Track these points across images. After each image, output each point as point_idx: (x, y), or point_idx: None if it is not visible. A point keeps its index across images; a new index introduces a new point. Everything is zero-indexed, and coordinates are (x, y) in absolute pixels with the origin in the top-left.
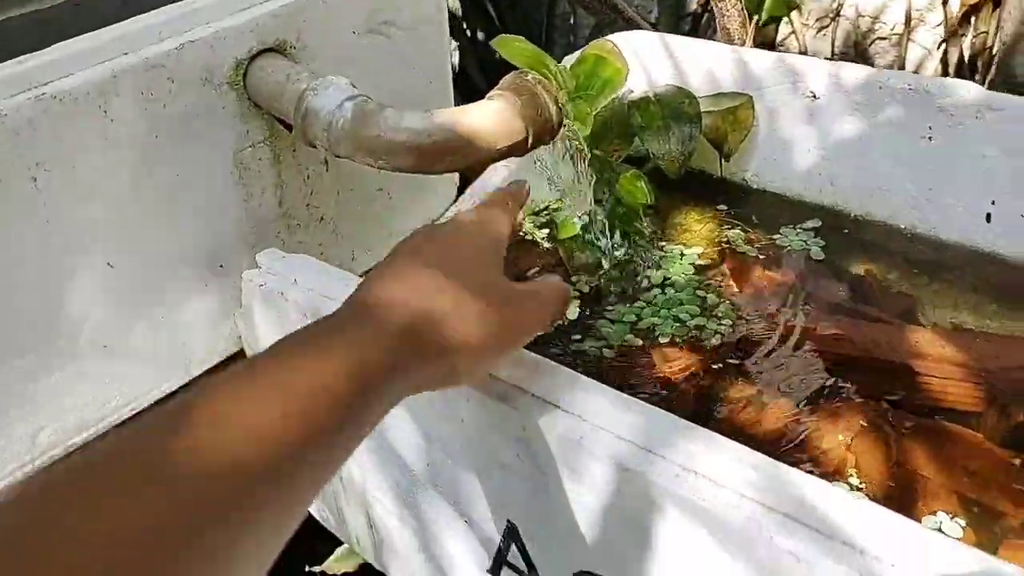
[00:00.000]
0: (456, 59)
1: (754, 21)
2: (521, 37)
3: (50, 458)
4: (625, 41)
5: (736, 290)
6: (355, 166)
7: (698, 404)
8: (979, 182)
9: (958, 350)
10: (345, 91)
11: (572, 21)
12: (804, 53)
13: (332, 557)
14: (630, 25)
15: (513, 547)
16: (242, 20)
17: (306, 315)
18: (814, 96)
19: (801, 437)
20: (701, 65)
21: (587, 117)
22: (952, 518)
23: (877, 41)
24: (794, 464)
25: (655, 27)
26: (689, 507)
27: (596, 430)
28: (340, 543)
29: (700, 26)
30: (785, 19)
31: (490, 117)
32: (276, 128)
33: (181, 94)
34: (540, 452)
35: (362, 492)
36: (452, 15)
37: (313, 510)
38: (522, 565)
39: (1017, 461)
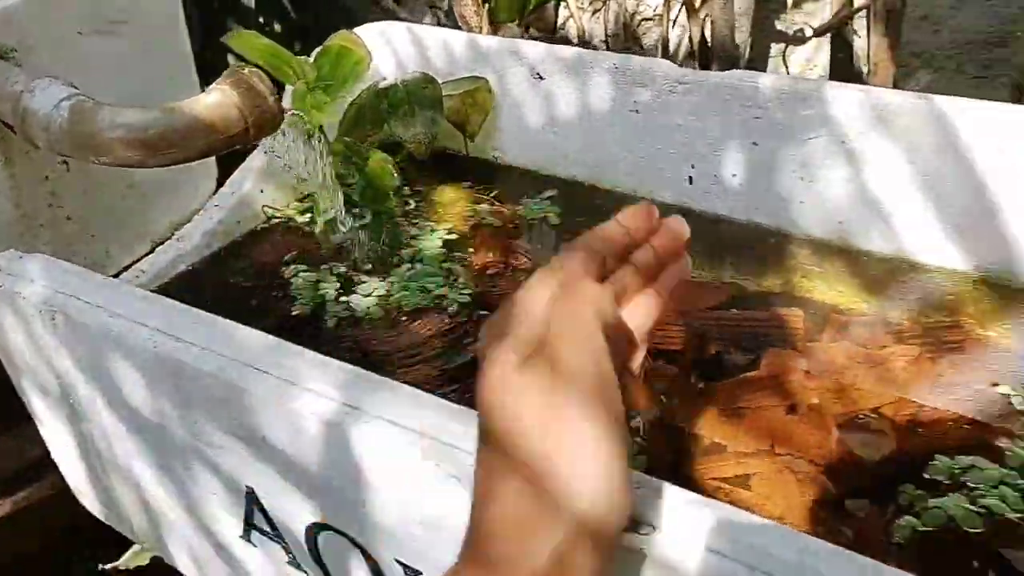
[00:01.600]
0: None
1: (486, 8)
2: (255, 32)
3: None
4: (378, 32)
5: (482, 259)
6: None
7: (435, 364)
8: (679, 149)
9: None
10: (63, 91)
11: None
12: (582, 35)
13: (127, 554)
14: (385, 15)
15: (256, 511)
16: None
17: (42, 312)
18: (540, 77)
19: None
20: (445, 52)
21: (325, 105)
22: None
23: (643, 22)
24: None
25: (447, 15)
26: (386, 453)
27: (303, 392)
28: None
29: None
30: (564, 4)
31: (207, 110)
32: (3, 131)
33: None
34: (262, 421)
35: (132, 477)
36: (244, 5)
37: (96, 510)
38: (267, 527)
39: (701, 385)
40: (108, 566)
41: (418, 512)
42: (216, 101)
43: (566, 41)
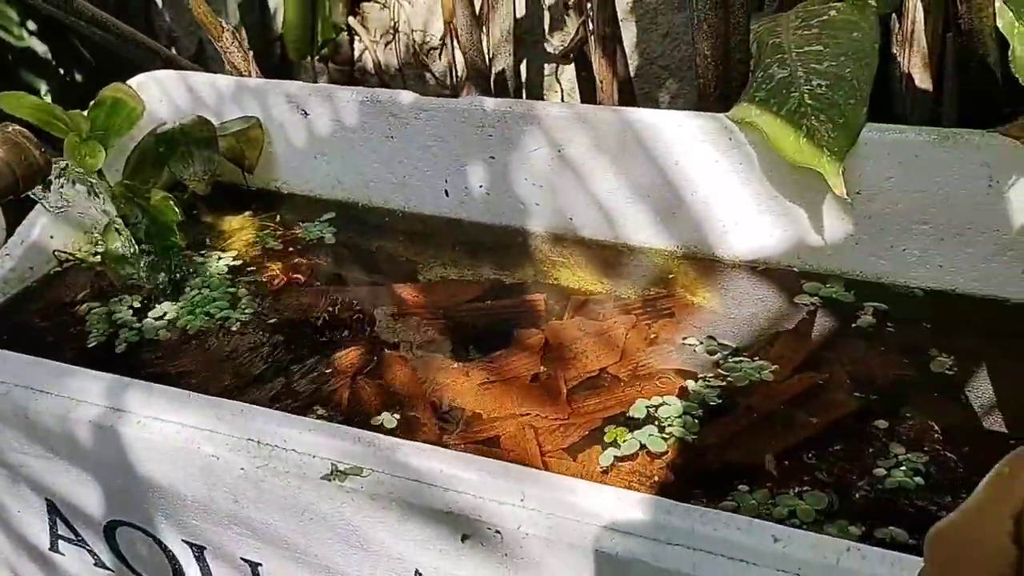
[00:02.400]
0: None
1: (251, 54)
2: (23, 92)
3: None
4: (153, 80)
5: (266, 280)
6: None
7: (217, 376)
8: (432, 167)
9: (428, 296)
10: None
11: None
12: (377, 66)
13: None
14: (167, 64)
15: (58, 521)
16: None
17: None
18: (305, 113)
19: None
20: (216, 95)
21: (99, 154)
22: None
23: (430, 51)
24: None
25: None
26: (143, 446)
27: (77, 404)
28: None
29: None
30: (357, 38)
31: None
32: None
33: None
34: (47, 435)
35: None
36: (40, 57)
37: None
38: (71, 535)
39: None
40: None
41: (187, 494)
42: None
43: (364, 72)
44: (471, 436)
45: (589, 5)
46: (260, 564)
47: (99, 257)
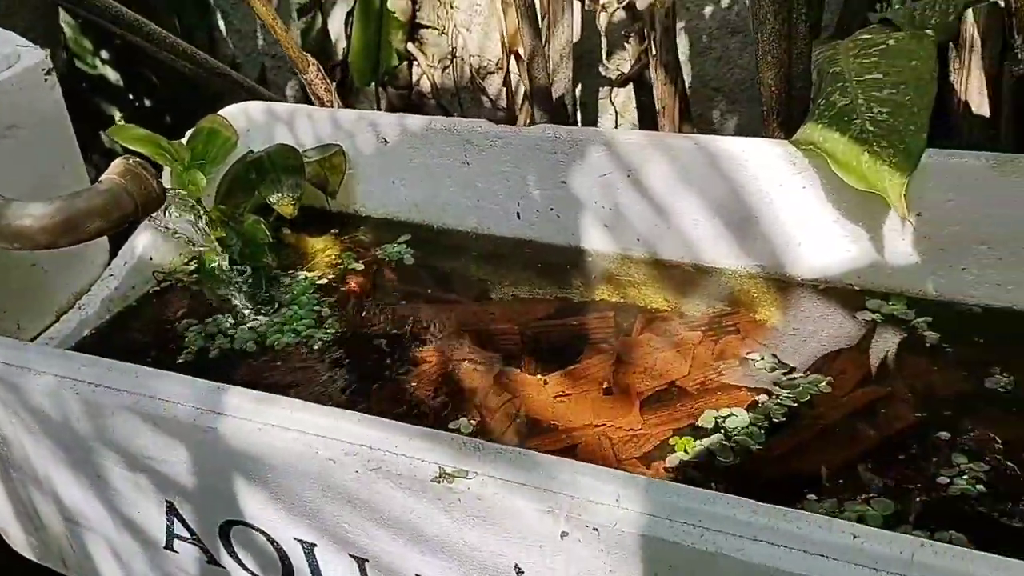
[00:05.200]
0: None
1: (333, 85)
2: (134, 125)
3: None
4: (242, 112)
5: (351, 299)
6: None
7: (305, 385)
8: (506, 191)
9: (502, 313)
10: None
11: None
12: (434, 89)
13: None
14: (251, 95)
15: (176, 521)
16: None
17: None
18: (385, 141)
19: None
20: (304, 125)
21: (201, 181)
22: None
23: (487, 75)
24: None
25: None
26: (264, 450)
27: (201, 413)
28: None
29: (346, 78)
30: (416, 64)
31: (100, 197)
32: None
33: None
34: (167, 442)
35: (61, 512)
36: (113, 84)
37: (26, 551)
38: (187, 534)
39: (541, 382)
40: None
41: (303, 495)
42: (108, 188)
43: (422, 95)
44: (549, 445)
45: (653, 33)
46: (367, 560)
47: (194, 276)
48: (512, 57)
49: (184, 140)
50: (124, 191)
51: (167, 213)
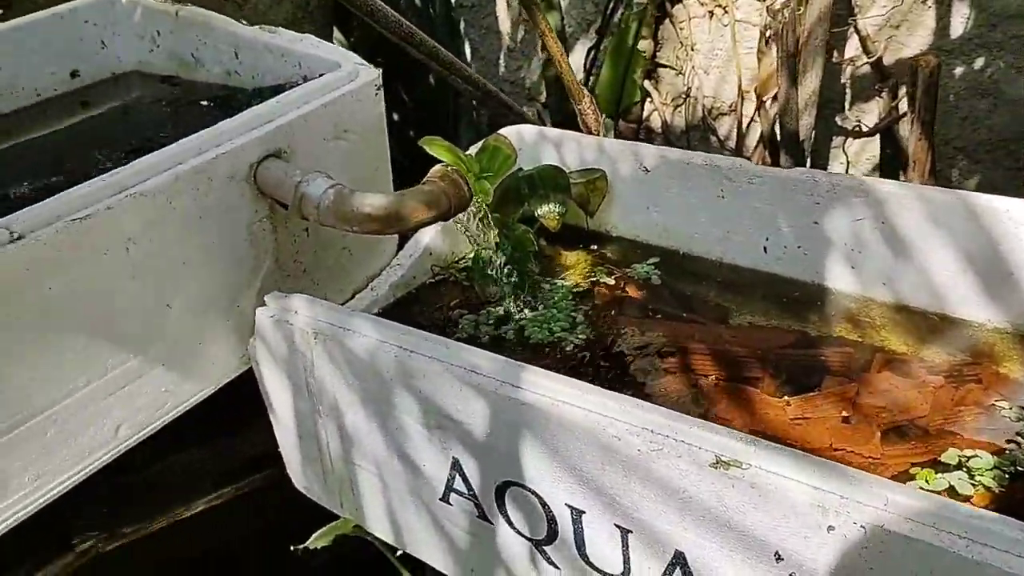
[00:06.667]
0: None
1: (603, 118)
2: (439, 137)
3: (126, 447)
4: (516, 133)
5: (601, 309)
6: (328, 232)
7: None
8: (756, 226)
9: (747, 338)
10: (328, 182)
11: (474, 103)
12: (664, 126)
13: (314, 536)
14: (519, 118)
15: (458, 477)
16: (253, 137)
17: (305, 334)
18: (646, 170)
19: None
20: (570, 149)
21: (489, 191)
22: None
23: (719, 116)
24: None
25: (544, 106)
26: (553, 423)
27: (489, 380)
28: (320, 523)
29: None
30: (649, 100)
31: (425, 196)
32: (275, 207)
33: (216, 188)
34: (466, 407)
35: (353, 461)
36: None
37: (309, 491)
38: (464, 489)
39: (784, 403)
40: (300, 546)
41: (583, 466)
42: (431, 189)
43: (650, 131)
44: None
45: (913, 90)
46: (631, 531)
47: (464, 273)
48: (744, 100)
49: (472, 153)
50: (443, 193)
51: (464, 216)
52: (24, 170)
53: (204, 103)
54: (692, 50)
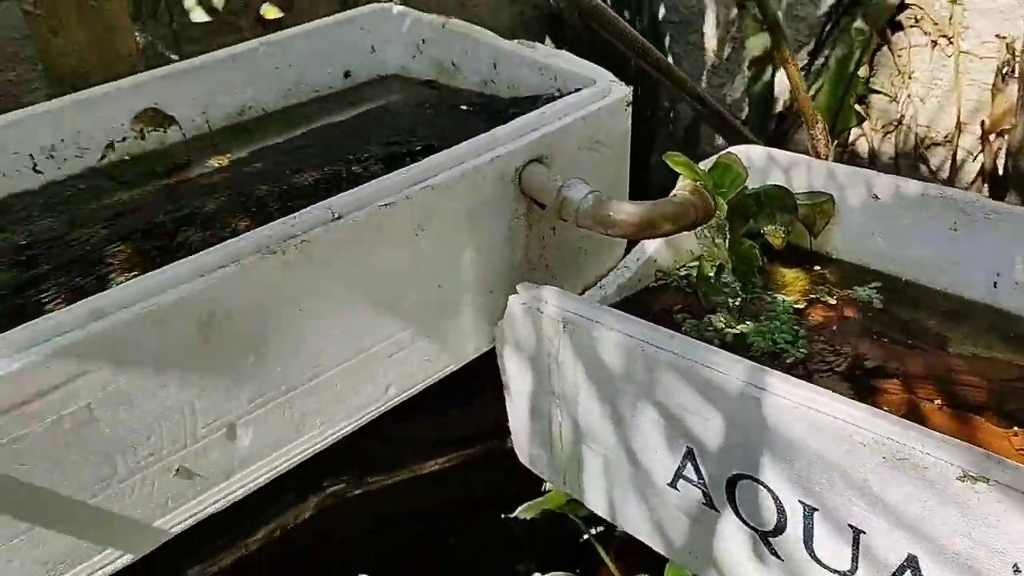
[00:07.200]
0: None
1: (833, 143)
2: (679, 152)
3: (391, 405)
4: (744, 153)
5: (820, 326)
6: (568, 233)
7: None
8: (987, 260)
9: (971, 367)
10: (587, 188)
11: (671, 115)
12: (872, 153)
13: (522, 506)
14: (735, 134)
15: (689, 465)
16: (522, 143)
17: (554, 322)
18: (877, 197)
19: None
20: (798, 171)
21: (723, 205)
22: None
23: (932, 146)
24: None
25: (744, 123)
26: (795, 425)
27: (723, 375)
28: (527, 497)
29: (783, 126)
30: (856, 125)
31: (675, 206)
32: (532, 207)
33: (488, 186)
34: (703, 399)
35: (582, 439)
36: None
37: (533, 465)
38: (695, 477)
39: (1011, 433)
40: (510, 515)
41: (823, 466)
42: (681, 200)
43: (854, 155)
44: None
45: None
46: (864, 532)
47: (685, 280)
48: (962, 132)
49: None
50: (692, 205)
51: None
52: (310, 155)
53: (464, 107)
54: (909, 78)
